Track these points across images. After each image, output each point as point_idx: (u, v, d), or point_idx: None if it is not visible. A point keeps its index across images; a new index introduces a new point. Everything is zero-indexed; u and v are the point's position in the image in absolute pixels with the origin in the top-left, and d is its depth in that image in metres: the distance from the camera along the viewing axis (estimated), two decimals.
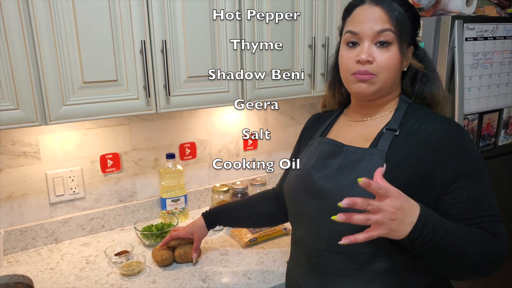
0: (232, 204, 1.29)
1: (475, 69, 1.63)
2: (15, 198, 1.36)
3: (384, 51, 0.81)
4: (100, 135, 1.46)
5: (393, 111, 0.87)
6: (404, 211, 0.67)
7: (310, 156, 0.91)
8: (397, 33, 0.80)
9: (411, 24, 0.83)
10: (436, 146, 0.78)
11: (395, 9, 0.80)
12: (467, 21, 1.53)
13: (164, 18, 1.18)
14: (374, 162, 0.79)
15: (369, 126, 0.88)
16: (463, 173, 0.77)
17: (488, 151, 1.79)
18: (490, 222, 0.78)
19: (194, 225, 1.24)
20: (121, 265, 1.21)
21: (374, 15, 0.81)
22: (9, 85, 1.02)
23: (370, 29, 0.81)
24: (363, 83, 0.83)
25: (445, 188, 0.77)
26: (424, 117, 0.83)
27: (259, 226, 1.40)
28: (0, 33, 0.98)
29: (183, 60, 1.24)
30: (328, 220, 0.79)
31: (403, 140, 0.81)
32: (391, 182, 0.75)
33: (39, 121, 1.08)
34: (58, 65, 1.07)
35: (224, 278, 1.19)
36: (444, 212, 0.77)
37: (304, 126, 1.07)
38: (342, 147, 0.86)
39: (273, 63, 1.40)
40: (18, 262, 1.30)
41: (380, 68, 0.82)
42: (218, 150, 1.71)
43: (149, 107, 1.22)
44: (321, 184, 0.83)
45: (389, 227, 0.67)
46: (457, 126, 0.81)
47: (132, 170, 1.54)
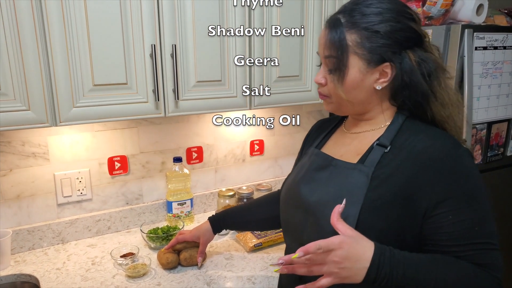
0: (238, 208, 1.29)
1: (484, 78, 1.62)
2: (23, 198, 1.37)
3: (331, 76, 0.80)
4: (109, 137, 1.47)
5: (387, 124, 0.82)
6: (350, 259, 0.67)
7: (302, 167, 0.91)
8: (337, 60, 0.77)
9: (377, 42, 0.76)
10: (423, 165, 0.73)
11: (338, 34, 0.77)
12: (477, 30, 1.53)
13: (175, 23, 1.19)
14: (360, 179, 0.77)
15: (363, 139, 0.85)
16: (450, 196, 0.71)
17: (496, 161, 1.77)
18: (480, 250, 0.71)
19: (200, 229, 1.24)
20: (127, 267, 1.21)
21: (322, 40, 0.81)
22: (21, 86, 1.04)
23: (321, 53, 0.82)
24: (324, 103, 0.87)
25: (430, 211, 0.72)
26: (418, 131, 0.78)
27: (265, 229, 1.39)
28: (14, 35, 1.00)
29: (192, 64, 1.25)
30: (310, 233, 0.81)
31: (392, 156, 0.77)
32: (376, 200, 0.74)
33: (49, 122, 1.09)
34: (69, 67, 1.08)
35: (229, 282, 1.19)
36: (430, 237, 0.74)
37: (308, 132, 1.06)
38: (332, 161, 0.84)
39: (282, 71, 1.40)
40: (25, 261, 1.31)
41: (329, 92, 0.82)
42: (224, 155, 1.72)
43: (158, 111, 1.23)
44: (306, 197, 0.83)
45: (339, 276, 0.68)
46: (454, 145, 0.75)
47: (139, 173, 1.55)
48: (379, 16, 0.76)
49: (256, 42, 1.33)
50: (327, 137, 0.95)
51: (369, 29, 0.76)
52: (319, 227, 0.79)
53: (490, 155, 1.73)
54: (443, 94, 0.79)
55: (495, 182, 1.79)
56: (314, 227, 0.80)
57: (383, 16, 0.76)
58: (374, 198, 0.74)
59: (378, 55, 0.76)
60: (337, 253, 0.67)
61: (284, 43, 1.39)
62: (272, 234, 1.44)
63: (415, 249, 0.74)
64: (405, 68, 0.77)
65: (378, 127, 0.84)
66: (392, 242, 0.72)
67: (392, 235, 0.74)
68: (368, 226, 0.73)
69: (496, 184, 1.80)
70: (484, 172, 1.75)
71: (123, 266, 1.22)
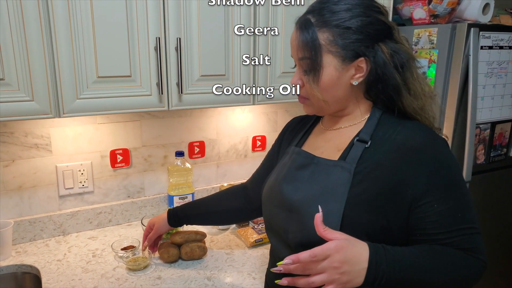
0: (198, 201, 1.24)
1: (489, 78, 1.61)
2: (25, 189, 1.37)
3: (307, 78, 0.79)
4: (111, 130, 1.47)
5: (365, 119, 0.83)
6: (349, 262, 0.66)
7: (283, 166, 0.90)
8: (310, 60, 0.77)
9: (350, 37, 0.76)
10: (406, 157, 0.74)
11: (310, 34, 0.76)
12: (483, 29, 1.52)
13: (180, 16, 1.19)
14: (342, 175, 0.77)
15: (342, 134, 0.85)
16: (434, 186, 0.73)
17: (499, 162, 1.77)
18: (465, 236, 0.74)
19: (158, 217, 1.21)
20: (127, 260, 1.22)
21: (293, 42, 0.80)
22: (25, 77, 1.03)
23: (294, 55, 0.81)
24: (303, 106, 0.86)
25: (416, 201, 0.73)
26: (397, 125, 0.79)
27: (226, 223, 1.38)
28: (19, 25, 1.00)
29: (196, 58, 1.24)
30: (294, 232, 0.81)
31: (373, 150, 0.77)
32: (360, 195, 0.75)
33: (53, 113, 1.09)
34: (74, 59, 1.08)
35: (229, 277, 1.19)
36: (416, 226, 0.74)
37: (283, 130, 1.05)
38: (313, 158, 0.84)
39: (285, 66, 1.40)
40: (26, 252, 1.31)
41: (307, 93, 0.82)
42: (226, 150, 1.72)
43: (161, 104, 1.23)
44: (289, 196, 0.82)
45: (341, 281, 0.66)
46: (431, 135, 0.77)
47: (141, 166, 1.55)
48: (348, 12, 0.76)
49: (261, 38, 1.33)
50: (306, 135, 0.94)
51: (340, 26, 0.76)
52: (303, 225, 0.78)
53: (493, 155, 1.73)
54: (416, 85, 0.80)
55: (498, 182, 1.79)
56: (298, 226, 0.79)
57: (353, 11, 0.76)
58: (358, 192, 0.75)
59: (352, 50, 0.76)
60: (335, 258, 0.65)
61: (288, 38, 1.37)
62: None
63: (401, 241, 0.75)
64: (378, 62, 0.77)
65: (355, 122, 0.84)
66: (379, 236, 0.73)
67: (378, 229, 0.74)
68: (354, 221, 0.74)
69: (498, 184, 1.79)
70: (487, 172, 1.74)
71: (123, 258, 1.23)
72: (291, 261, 0.66)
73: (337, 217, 0.74)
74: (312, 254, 0.65)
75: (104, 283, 1.14)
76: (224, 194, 1.21)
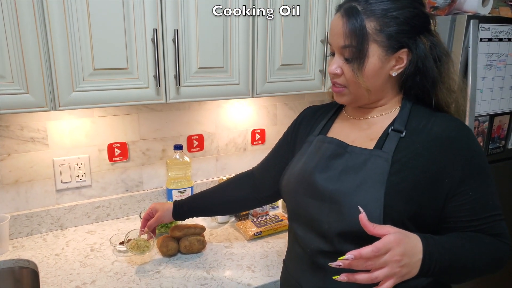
0: (204, 192, 1.21)
1: (488, 70, 1.60)
2: (21, 183, 1.36)
3: (349, 66, 0.79)
4: (109, 123, 1.45)
5: (396, 109, 0.84)
6: (407, 254, 0.66)
7: (311, 155, 0.88)
8: (358, 49, 0.76)
9: (397, 28, 0.76)
10: (443, 146, 0.76)
11: (358, 22, 0.76)
12: (483, 21, 1.51)
13: (177, 7, 1.17)
14: (379, 165, 0.77)
15: (373, 123, 0.85)
16: (469, 174, 0.76)
17: (498, 154, 1.77)
18: (495, 222, 0.77)
19: (162, 206, 1.18)
20: (129, 244, 1.18)
21: (338, 29, 0.78)
22: (19, 69, 1.02)
23: (335, 43, 0.80)
24: (337, 95, 0.85)
25: (453, 190, 0.76)
26: (430, 115, 0.81)
27: (233, 212, 1.38)
28: (12, 17, 0.98)
29: (194, 50, 1.23)
30: (331, 223, 0.80)
31: (409, 140, 0.78)
32: (398, 184, 0.75)
33: (48, 106, 1.07)
34: (69, 51, 1.06)
35: (228, 270, 1.18)
36: (452, 214, 0.77)
37: (298, 119, 1.03)
38: (347, 147, 0.83)
39: (284, 59, 1.39)
40: (24, 247, 1.31)
41: (347, 82, 0.81)
42: (225, 144, 1.71)
43: (159, 97, 1.21)
44: (324, 186, 0.81)
45: (400, 274, 0.66)
46: (463, 126, 0.79)
47: (139, 160, 1.54)
48: (396, 2, 0.77)
49: (260, 23, 1.31)
50: (329, 124, 0.93)
51: (387, 16, 0.76)
52: (343, 216, 0.78)
53: (491, 148, 1.73)
54: (451, 78, 0.82)
55: (496, 174, 1.78)
56: (336, 216, 0.79)
57: (401, 2, 0.77)
58: (396, 181, 0.75)
59: (397, 41, 0.77)
60: (396, 251, 0.65)
61: (288, 30, 1.36)
62: (272, 223, 1.44)
63: (432, 227, 0.78)
64: (419, 54, 0.78)
65: (386, 112, 0.85)
66: (414, 225, 0.75)
67: (414, 218, 0.75)
68: (393, 210, 0.74)
69: (497, 177, 1.78)
70: None
71: (125, 243, 1.20)
72: (353, 256, 0.64)
73: (378, 206, 0.74)
74: (375, 249, 0.64)
75: (103, 277, 1.13)
76: (230, 184, 1.18)
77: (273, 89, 1.40)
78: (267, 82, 1.37)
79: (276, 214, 1.54)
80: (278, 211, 1.61)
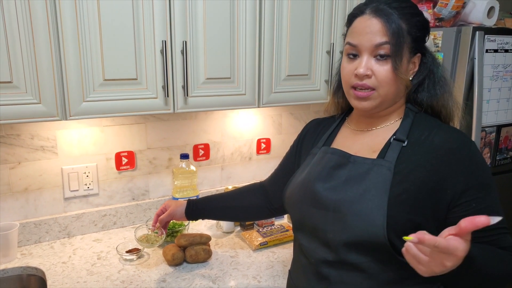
0: (219, 194, 1.21)
1: (494, 81, 1.61)
2: (31, 191, 1.38)
3: (383, 64, 0.78)
4: (117, 133, 1.47)
5: (399, 120, 0.85)
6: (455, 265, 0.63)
7: (314, 165, 0.89)
8: (396, 46, 0.77)
9: (417, 32, 0.80)
10: (444, 158, 0.76)
11: (394, 21, 0.77)
12: (488, 32, 1.51)
13: (186, 19, 1.19)
14: (382, 174, 0.78)
15: (375, 136, 0.86)
16: (472, 185, 0.75)
17: (505, 165, 1.76)
18: (500, 235, 0.76)
19: (176, 202, 1.18)
20: (139, 238, 1.25)
21: (372, 28, 0.78)
22: (32, 80, 1.04)
23: (368, 42, 0.79)
24: (362, 100, 0.82)
25: (455, 201, 0.76)
26: (432, 127, 0.81)
27: (245, 219, 1.36)
28: (27, 29, 1.01)
29: (202, 61, 1.25)
30: (335, 232, 0.80)
31: (410, 151, 0.79)
32: (400, 195, 0.76)
33: (60, 116, 1.10)
34: (81, 62, 1.09)
35: (234, 280, 1.18)
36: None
37: (303, 132, 1.04)
38: (350, 157, 0.84)
39: (290, 69, 1.40)
40: (31, 254, 1.32)
41: (379, 82, 0.80)
42: (231, 153, 1.72)
43: (167, 107, 1.23)
44: (327, 196, 0.82)
45: (434, 273, 0.64)
46: (465, 137, 0.79)
47: (146, 169, 1.55)
48: (416, 9, 0.81)
49: (267, 34, 1.33)
50: (332, 136, 0.94)
51: (413, 20, 0.79)
52: (346, 225, 0.78)
53: (498, 159, 1.72)
54: (450, 85, 0.86)
55: (504, 185, 1.78)
56: (340, 225, 0.79)
57: (418, 9, 0.81)
58: (398, 192, 0.76)
59: (417, 45, 0.81)
60: (451, 259, 0.61)
61: (294, 41, 1.38)
62: (278, 233, 1.44)
63: None
64: (429, 59, 0.83)
65: (389, 123, 0.86)
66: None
67: (417, 228, 0.74)
68: (395, 219, 0.74)
69: (504, 188, 1.78)
70: (493, 175, 1.73)
71: (136, 238, 1.27)
72: (417, 239, 0.61)
73: (382, 214, 0.74)
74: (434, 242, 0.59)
75: (109, 286, 1.14)
76: (244, 191, 1.18)
77: (279, 99, 1.41)
78: (273, 92, 1.39)
79: (282, 224, 1.54)
80: (283, 221, 1.61)
